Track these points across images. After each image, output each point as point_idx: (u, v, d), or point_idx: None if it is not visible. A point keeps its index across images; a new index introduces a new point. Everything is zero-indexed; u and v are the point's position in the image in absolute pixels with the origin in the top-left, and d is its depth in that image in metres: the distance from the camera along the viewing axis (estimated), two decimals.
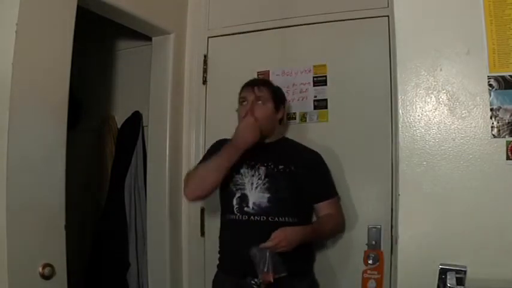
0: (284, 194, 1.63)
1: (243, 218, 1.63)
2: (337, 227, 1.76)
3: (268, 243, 1.48)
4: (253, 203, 1.63)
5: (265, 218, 1.61)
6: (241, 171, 1.67)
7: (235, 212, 1.65)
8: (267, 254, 1.48)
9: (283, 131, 1.86)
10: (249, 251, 1.50)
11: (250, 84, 1.71)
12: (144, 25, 2.00)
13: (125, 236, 2.23)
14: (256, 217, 1.62)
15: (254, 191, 1.64)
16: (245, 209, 1.63)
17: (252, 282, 1.54)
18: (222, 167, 1.61)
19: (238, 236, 1.64)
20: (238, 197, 1.65)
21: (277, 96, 1.72)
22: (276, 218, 1.60)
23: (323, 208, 1.69)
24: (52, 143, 1.45)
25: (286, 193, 1.63)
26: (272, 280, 1.48)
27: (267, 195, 1.63)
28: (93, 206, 2.40)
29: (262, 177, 1.65)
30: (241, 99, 1.71)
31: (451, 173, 1.11)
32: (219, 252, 1.75)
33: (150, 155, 2.17)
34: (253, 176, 1.66)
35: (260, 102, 1.65)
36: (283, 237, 1.50)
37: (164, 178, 2.05)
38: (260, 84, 1.72)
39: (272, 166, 1.66)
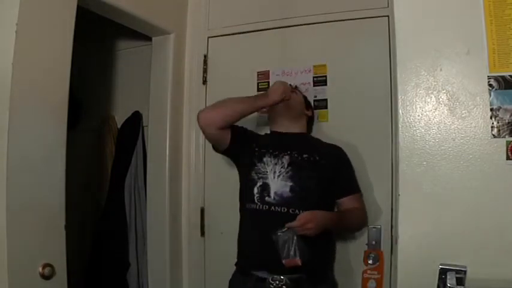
0: (307, 182, 1.60)
1: (264, 208, 1.59)
2: (362, 221, 1.75)
3: (295, 223, 1.44)
4: (275, 193, 1.59)
5: (286, 209, 1.57)
6: (264, 159, 1.65)
7: (256, 201, 1.61)
8: (294, 236, 1.43)
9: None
10: (271, 236, 1.45)
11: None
12: (144, 25, 2.00)
13: (125, 236, 2.23)
14: (277, 208, 1.58)
15: (276, 179, 1.61)
16: (266, 198, 1.60)
17: (271, 282, 1.52)
18: (247, 102, 1.67)
19: (258, 227, 1.61)
20: (260, 185, 1.62)
21: (307, 100, 1.84)
22: (297, 211, 1.54)
23: (347, 203, 1.68)
24: (52, 143, 1.45)
25: (310, 182, 1.60)
26: (300, 264, 1.43)
27: (289, 183, 1.59)
28: (93, 206, 2.40)
29: (285, 166, 1.62)
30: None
31: (451, 173, 1.10)
32: (238, 247, 1.70)
33: (150, 155, 2.17)
34: (276, 164, 1.63)
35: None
36: (310, 218, 1.46)
37: (164, 178, 2.05)
38: (295, 87, 1.85)
39: (296, 155, 1.64)
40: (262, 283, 1.54)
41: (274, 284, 1.52)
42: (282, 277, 1.53)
